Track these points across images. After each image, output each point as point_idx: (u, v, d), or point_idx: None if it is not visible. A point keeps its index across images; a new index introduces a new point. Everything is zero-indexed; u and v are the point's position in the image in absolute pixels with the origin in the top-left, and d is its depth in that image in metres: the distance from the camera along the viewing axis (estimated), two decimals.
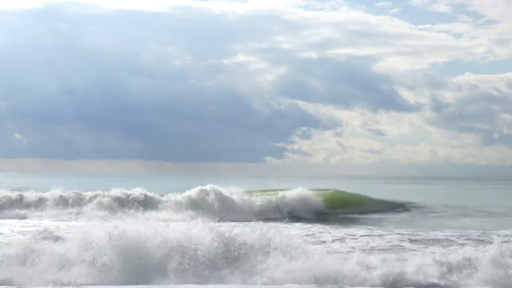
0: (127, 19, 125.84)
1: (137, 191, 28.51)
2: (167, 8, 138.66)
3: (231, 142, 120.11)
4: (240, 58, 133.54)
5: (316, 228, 20.69)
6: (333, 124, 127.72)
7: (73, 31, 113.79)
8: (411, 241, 16.77)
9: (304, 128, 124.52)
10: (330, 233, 19.04)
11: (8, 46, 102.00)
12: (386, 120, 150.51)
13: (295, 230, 19.50)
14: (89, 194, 28.59)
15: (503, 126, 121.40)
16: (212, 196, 27.45)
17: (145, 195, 28.23)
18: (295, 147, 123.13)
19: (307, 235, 18.24)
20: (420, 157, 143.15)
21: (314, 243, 15.98)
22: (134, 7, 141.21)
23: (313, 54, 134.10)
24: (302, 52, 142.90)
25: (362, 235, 18.11)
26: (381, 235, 18.20)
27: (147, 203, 27.34)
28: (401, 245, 15.95)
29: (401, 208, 30.13)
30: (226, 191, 28.15)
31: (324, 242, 16.67)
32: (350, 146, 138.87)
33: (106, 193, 28.55)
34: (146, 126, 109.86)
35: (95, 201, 27.79)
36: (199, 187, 28.11)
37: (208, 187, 27.98)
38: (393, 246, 15.84)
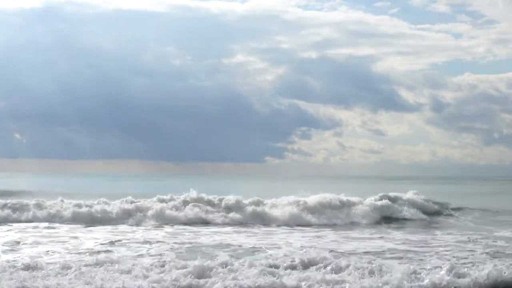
0: (126, 19, 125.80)
1: None
2: (166, 8, 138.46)
3: (231, 142, 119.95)
4: (240, 58, 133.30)
5: None
6: (333, 124, 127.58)
7: (72, 31, 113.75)
8: None
9: (304, 128, 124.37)
10: None
11: (7, 46, 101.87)
12: (386, 120, 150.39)
13: None
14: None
15: (503, 126, 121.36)
16: None
17: None
18: (295, 147, 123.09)
19: None
20: (420, 157, 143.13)
21: None
22: (133, 7, 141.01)
23: (313, 54, 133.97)
24: (302, 52, 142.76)
25: None
26: None
27: None
28: None
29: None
30: None
31: None
32: (350, 146, 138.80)
33: None
34: (146, 126, 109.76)
35: None
36: None
37: None
38: None
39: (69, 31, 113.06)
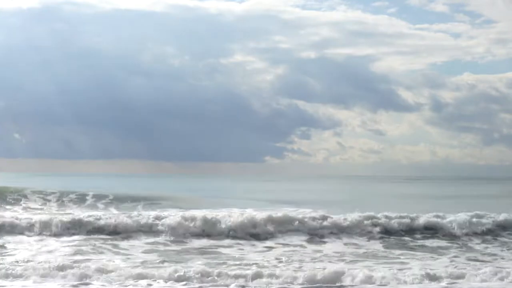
0: (124, 19, 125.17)
1: None
2: (164, 8, 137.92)
3: (230, 142, 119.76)
4: (238, 57, 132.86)
5: None
6: (332, 124, 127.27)
7: (70, 31, 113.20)
8: None
9: (303, 128, 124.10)
10: None
11: (5, 46, 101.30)
12: (385, 120, 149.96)
13: None
14: None
15: (503, 126, 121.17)
16: None
17: None
18: (295, 147, 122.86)
19: None
20: (420, 157, 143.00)
21: None
22: (131, 7, 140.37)
23: (312, 54, 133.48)
24: (301, 51, 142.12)
25: None
26: None
27: None
28: None
29: None
30: None
31: None
32: (350, 146, 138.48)
33: None
34: (146, 126, 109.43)
35: None
36: None
37: None
38: None
39: (67, 31, 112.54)
